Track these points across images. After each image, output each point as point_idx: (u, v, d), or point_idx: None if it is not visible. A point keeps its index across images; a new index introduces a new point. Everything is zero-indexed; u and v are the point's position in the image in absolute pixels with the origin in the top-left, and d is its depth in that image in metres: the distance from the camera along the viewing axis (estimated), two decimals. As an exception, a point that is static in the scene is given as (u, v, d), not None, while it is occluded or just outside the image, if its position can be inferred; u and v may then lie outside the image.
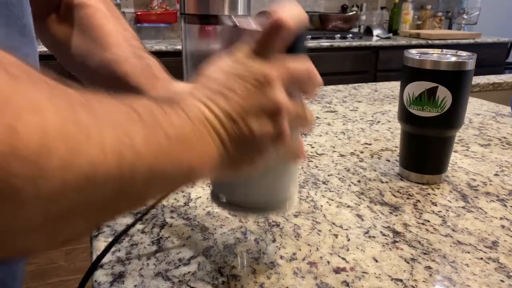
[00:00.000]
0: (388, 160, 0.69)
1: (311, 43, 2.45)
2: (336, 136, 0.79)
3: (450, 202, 0.55)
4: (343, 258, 0.43)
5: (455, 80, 0.55)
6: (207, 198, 0.55)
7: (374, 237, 0.47)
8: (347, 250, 0.44)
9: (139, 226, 0.48)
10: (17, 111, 0.17)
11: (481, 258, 0.43)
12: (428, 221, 0.50)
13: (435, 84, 0.55)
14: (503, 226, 0.50)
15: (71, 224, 0.22)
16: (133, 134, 0.23)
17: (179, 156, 0.27)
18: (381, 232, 0.48)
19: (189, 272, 0.40)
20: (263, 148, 0.32)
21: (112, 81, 0.48)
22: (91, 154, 0.20)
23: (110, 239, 0.45)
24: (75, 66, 0.51)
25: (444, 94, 0.55)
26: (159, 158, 0.25)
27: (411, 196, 0.57)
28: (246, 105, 0.30)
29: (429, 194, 0.57)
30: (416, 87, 0.56)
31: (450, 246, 0.45)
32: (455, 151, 0.73)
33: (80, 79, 0.53)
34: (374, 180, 0.61)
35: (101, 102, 0.23)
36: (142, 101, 0.26)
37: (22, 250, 0.21)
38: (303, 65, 0.33)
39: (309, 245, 0.45)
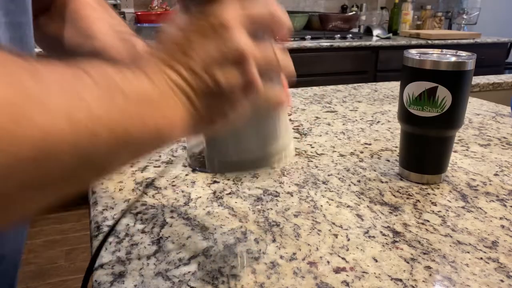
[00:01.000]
0: (388, 160, 0.69)
1: (311, 43, 2.46)
2: (336, 136, 0.79)
3: (450, 202, 0.55)
4: (343, 258, 0.43)
5: (455, 80, 0.55)
6: (207, 198, 0.55)
7: (374, 237, 0.47)
8: (347, 250, 0.44)
9: (139, 226, 0.48)
10: None
11: (481, 258, 0.43)
12: (428, 221, 0.50)
13: (435, 84, 0.55)
14: (502, 226, 0.50)
15: (30, 198, 0.20)
16: (85, 96, 0.22)
17: (143, 117, 0.25)
18: (381, 232, 0.48)
19: (189, 272, 0.41)
20: (234, 99, 0.30)
21: None
22: (40, 122, 0.19)
23: (110, 239, 0.45)
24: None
25: (444, 94, 0.55)
26: (120, 120, 0.23)
27: (411, 196, 0.57)
28: (206, 56, 0.28)
29: (429, 194, 0.57)
30: (416, 87, 0.57)
31: (450, 246, 0.45)
32: (455, 151, 0.73)
33: None
34: (374, 180, 0.61)
35: (49, 68, 0.22)
36: (95, 64, 0.24)
37: None
38: (263, 6, 0.30)
39: (309, 245, 0.45)
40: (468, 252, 0.44)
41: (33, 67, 0.21)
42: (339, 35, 2.65)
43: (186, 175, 0.61)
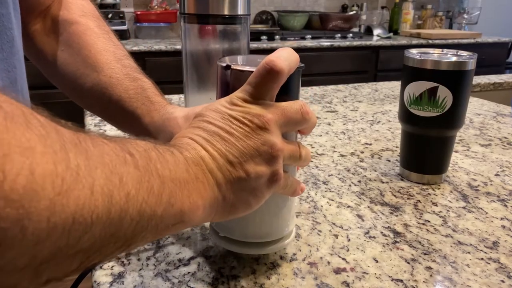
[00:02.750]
0: (389, 160, 0.69)
1: (311, 43, 2.45)
2: (337, 136, 0.79)
3: (451, 202, 0.55)
4: (343, 259, 0.43)
5: (455, 80, 0.55)
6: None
7: (374, 237, 0.47)
8: (347, 250, 0.44)
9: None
10: (5, 151, 0.17)
11: (482, 259, 0.43)
12: (429, 221, 0.50)
13: (436, 84, 0.55)
14: (503, 227, 0.49)
15: (56, 266, 0.21)
16: (124, 175, 0.23)
17: (171, 200, 0.26)
18: (382, 232, 0.48)
19: (189, 273, 0.40)
20: (258, 190, 0.32)
21: (106, 104, 0.47)
22: (79, 196, 0.20)
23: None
24: (64, 83, 0.50)
25: (444, 94, 0.55)
26: (150, 201, 0.25)
27: (412, 196, 0.56)
28: (243, 148, 0.30)
29: (429, 194, 0.57)
30: (417, 87, 0.56)
31: (451, 246, 0.45)
32: (456, 151, 0.73)
33: (70, 97, 0.52)
34: (374, 180, 0.61)
35: (94, 142, 0.23)
36: (138, 142, 0.26)
37: None
38: (297, 106, 0.34)
39: (309, 245, 0.45)
40: (469, 253, 0.44)
41: (79, 139, 0.22)
42: (339, 35, 2.64)
43: (186, 175, 0.61)
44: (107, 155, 0.23)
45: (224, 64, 0.35)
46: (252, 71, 0.33)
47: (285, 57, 0.33)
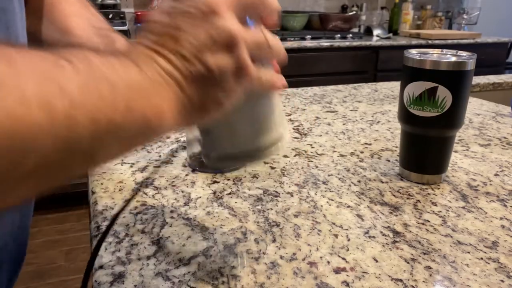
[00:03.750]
0: (388, 160, 0.69)
1: (311, 43, 2.46)
2: (336, 136, 0.79)
3: (450, 202, 0.55)
4: (343, 258, 0.43)
5: (455, 80, 0.55)
6: (207, 198, 0.55)
7: (374, 237, 0.47)
8: (347, 250, 0.44)
9: (139, 226, 0.48)
10: None
11: (481, 258, 0.43)
12: (428, 221, 0.50)
13: (435, 84, 0.55)
14: (503, 226, 0.50)
15: (11, 189, 0.20)
16: (65, 84, 0.21)
17: (129, 106, 0.24)
18: (381, 232, 0.48)
19: (189, 272, 0.40)
20: (226, 84, 0.29)
21: None
22: (12, 109, 0.18)
23: (110, 239, 0.45)
24: None
25: (444, 94, 0.55)
26: (103, 109, 0.22)
27: (411, 196, 0.57)
28: (196, 41, 0.27)
29: (429, 194, 0.57)
30: (416, 87, 0.56)
31: (450, 246, 0.45)
32: (455, 151, 0.73)
33: None
34: (374, 180, 0.61)
35: (27, 55, 0.21)
36: (78, 52, 0.23)
37: None
38: None
39: (309, 245, 0.45)
40: (469, 252, 0.44)
41: (8, 53, 0.20)
42: (339, 35, 2.65)
43: (186, 175, 0.61)
44: (38, 63, 0.21)
45: None
46: None
47: None
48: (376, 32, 2.85)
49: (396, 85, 1.25)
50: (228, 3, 0.28)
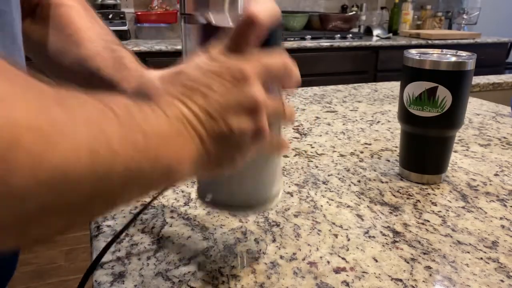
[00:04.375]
0: (388, 160, 0.69)
1: (311, 43, 2.45)
2: (336, 136, 0.79)
3: (450, 202, 0.55)
4: (343, 258, 0.43)
5: (455, 80, 0.55)
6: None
7: (374, 237, 0.47)
8: (347, 250, 0.44)
9: (139, 226, 0.48)
10: None
11: (481, 258, 0.43)
12: (428, 221, 0.50)
13: (435, 84, 0.55)
14: (503, 226, 0.50)
15: (44, 223, 0.21)
16: (108, 131, 0.23)
17: (157, 154, 0.26)
18: (381, 232, 0.48)
19: (189, 272, 0.40)
20: (243, 144, 0.31)
21: (87, 77, 0.47)
22: (63, 150, 0.19)
23: (110, 239, 0.45)
24: (51, 65, 0.51)
25: (444, 94, 0.55)
26: (136, 157, 0.24)
27: (411, 196, 0.57)
28: (224, 102, 0.29)
29: (429, 194, 0.57)
30: (416, 87, 0.57)
31: (450, 246, 0.45)
32: (455, 151, 0.73)
33: (57, 79, 0.52)
34: (374, 180, 0.61)
35: (76, 99, 0.22)
36: (118, 99, 0.25)
37: None
38: (279, 59, 0.32)
39: (309, 245, 0.45)
40: (468, 252, 0.44)
41: (61, 96, 0.21)
42: (339, 35, 2.65)
43: (186, 175, 0.61)
44: (89, 110, 0.22)
45: (201, 20, 0.34)
46: (233, 27, 0.32)
47: (263, 8, 0.31)
48: (376, 32, 2.85)
49: (396, 85, 1.25)
50: (258, 71, 0.31)
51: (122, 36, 2.28)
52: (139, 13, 2.45)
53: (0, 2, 0.37)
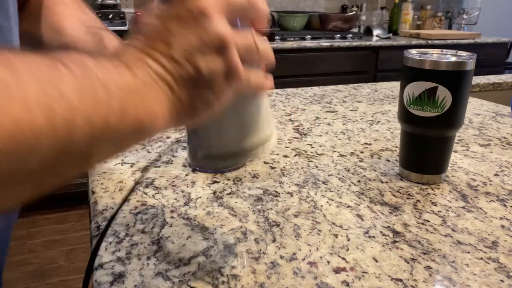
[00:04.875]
0: (388, 160, 0.69)
1: (311, 43, 2.46)
2: (336, 136, 0.79)
3: (450, 202, 0.55)
4: (343, 258, 0.43)
5: (455, 80, 0.55)
6: (207, 198, 0.55)
7: (374, 237, 0.47)
8: (347, 250, 0.44)
9: (139, 226, 0.48)
10: None
11: (481, 258, 0.43)
12: (428, 221, 0.50)
13: (435, 84, 0.55)
14: (503, 226, 0.50)
15: (11, 189, 0.20)
16: (62, 87, 0.21)
17: (123, 108, 0.25)
18: (381, 232, 0.48)
19: (189, 272, 0.41)
20: (217, 86, 0.29)
21: None
22: (15, 113, 0.19)
23: (110, 239, 0.45)
24: None
25: (444, 94, 0.55)
26: (99, 111, 0.23)
27: (411, 196, 0.57)
28: (187, 44, 0.28)
29: (429, 194, 0.57)
30: (416, 87, 0.57)
31: (450, 246, 0.45)
32: (455, 151, 0.73)
33: None
34: (374, 180, 0.61)
35: (25, 59, 0.21)
36: (72, 54, 0.24)
37: None
38: None
39: (309, 245, 0.45)
40: (468, 252, 0.44)
41: (7, 58, 0.20)
42: (339, 35, 2.65)
43: (186, 175, 0.61)
44: (38, 68, 0.21)
45: None
46: None
47: None
48: (376, 32, 2.85)
49: (396, 85, 1.25)
50: (219, 7, 0.29)
51: (122, 36, 2.27)
52: (139, 13, 2.45)
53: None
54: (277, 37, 2.51)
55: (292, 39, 2.52)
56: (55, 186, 0.22)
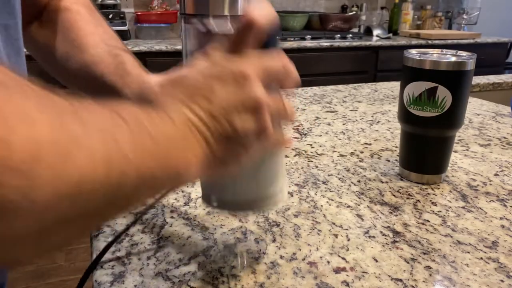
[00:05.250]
0: (388, 160, 0.69)
1: (311, 43, 2.45)
2: (336, 136, 0.79)
3: (450, 202, 0.55)
4: (343, 258, 0.43)
5: (455, 80, 0.55)
6: (207, 198, 0.55)
7: (374, 237, 0.47)
8: (347, 250, 0.44)
9: (139, 226, 0.48)
10: (8, 122, 0.17)
11: (481, 258, 0.43)
12: (428, 221, 0.50)
13: (435, 84, 0.55)
14: (503, 226, 0.50)
15: (63, 232, 0.21)
16: (120, 139, 0.23)
17: (166, 159, 0.27)
18: (381, 232, 0.48)
19: (189, 272, 0.41)
20: (247, 144, 0.32)
21: (91, 83, 0.48)
22: (81, 163, 0.20)
23: (110, 239, 0.45)
24: (58, 70, 0.51)
25: (444, 94, 0.55)
26: (147, 162, 0.25)
27: (411, 196, 0.57)
28: (227, 103, 0.30)
29: (429, 194, 0.57)
30: (416, 87, 0.57)
31: (450, 246, 0.45)
32: (455, 151, 0.73)
33: (62, 83, 0.53)
34: (374, 180, 0.61)
35: (88, 109, 0.23)
36: (126, 106, 0.26)
37: (11, 260, 0.21)
38: (278, 59, 0.33)
39: (309, 245, 0.45)
40: (468, 252, 0.44)
41: (74, 107, 0.22)
42: (339, 35, 2.65)
43: (186, 175, 0.61)
44: (101, 120, 0.23)
45: (202, 28, 0.35)
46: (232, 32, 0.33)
47: (262, 12, 0.32)
48: (376, 32, 2.85)
49: (396, 85, 1.25)
50: (258, 72, 0.31)
51: (122, 36, 2.26)
52: (139, 13, 2.45)
53: (6, 16, 0.38)
54: (277, 37, 2.50)
55: (292, 39, 2.52)
56: (97, 228, 0.24)
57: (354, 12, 2.92)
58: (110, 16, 2.29)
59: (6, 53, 0.38)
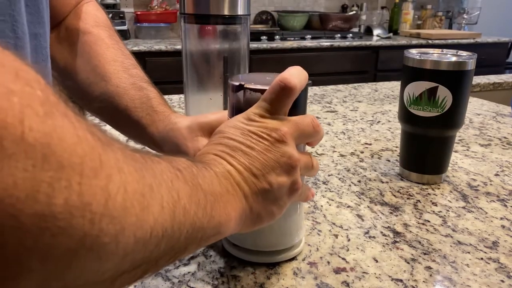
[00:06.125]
0: (388, 160, 0.69)
1: (311, 43, 2.45)
2: (336, 136, 0.79)
3: (451, 202, 0.55)
4: (343, 258, 0.43)
5: (455, 80, 0.55)
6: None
7: (374, 237, 0.47)
8: (347, 250, 0.44)
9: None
10: (107, 171, 0.19)
11: (482, 258, 0.43)
12: (428, 221, 0.50)
13: (435, 84, 0.55)
14: (503, 226, 0.49)
15: (130, 276, 0.22)
16: (180, 191, 0.25)
17: (212, 212, 0.28)
18: (381, 232, 0.48)
19: (189, 272, 0.40)
20: (281, 199, 0.34)
21: (114, 114, 0.49)
22: (155, 211, 0.22)
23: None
24: (79, 93, 0.51)
25: (444, 94, 0.55)
26: (199, 214, 0.27)
27: (411, 196, 0.57)
28: (264, 161, 0.33)
29: (429, 194, 0.57)
30: (416, 87, 0.56)
31: (451, 246, 0.45)
32: (455, 151, 0.73)
33: (79, 103, 0.53)
34: (374, 180, 0.61)
35: (154, 162, 0.25)
36: (182, 159, 0.29)
37: None
38: (309, 120, 0.36)
39: (309, 245, 0.45)
40: (469, 253, 0.44)
41: (145, 159, 0.24)
42: (339, 35, 2.64)
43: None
44: (164, 172, 0.25)
45: (237, 84, 0.37)
46: (265, 89, 0.35)
47: (296, 75, 0.35)
48: (376, 32, 2.85)
49: (396, 85, 1.25)
50: (294, 134, 0.34)
51: (121, 36, 2.28)
52: (138, 12, 2.45)
53: (36, 25, 0.38)
54: (277, 37, 2.51)
55: (292, 39, 2.52)
56: (144, 277, 0.25)
57: (354, 12, 2.92)
58: (110, 15, 2.29)
59: (35, 61, 0.39)
